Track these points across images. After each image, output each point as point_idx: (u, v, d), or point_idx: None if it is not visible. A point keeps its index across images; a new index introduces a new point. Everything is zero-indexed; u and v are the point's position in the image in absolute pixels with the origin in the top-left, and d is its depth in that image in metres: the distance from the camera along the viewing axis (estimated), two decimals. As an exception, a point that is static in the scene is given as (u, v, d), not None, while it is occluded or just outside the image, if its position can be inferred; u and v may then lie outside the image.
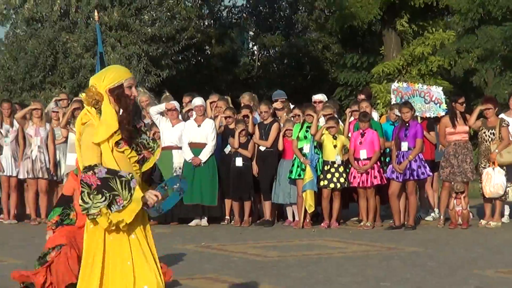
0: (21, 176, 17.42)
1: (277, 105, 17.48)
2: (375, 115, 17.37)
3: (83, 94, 6.25)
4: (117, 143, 6.17)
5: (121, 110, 6.20)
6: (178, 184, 6.32)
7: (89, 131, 6.07)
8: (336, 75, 28.72)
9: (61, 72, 27.24)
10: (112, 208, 5.98)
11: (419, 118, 16.47)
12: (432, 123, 16.91)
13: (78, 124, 6.22)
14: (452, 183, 15.86)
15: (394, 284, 10.44)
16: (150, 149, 6.45)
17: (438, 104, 17.31)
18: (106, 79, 6.23)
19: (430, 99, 17.35)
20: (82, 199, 6.00)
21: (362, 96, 18.11)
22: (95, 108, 6.13)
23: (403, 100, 16.81)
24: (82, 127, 6.16)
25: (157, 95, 19.92)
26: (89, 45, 26.88)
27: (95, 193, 5.98)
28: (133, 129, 6.29)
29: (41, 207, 17.52)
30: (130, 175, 6.02)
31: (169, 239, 14.25)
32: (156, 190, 6.23)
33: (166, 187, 6.35)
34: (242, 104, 17.78)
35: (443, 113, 16.82)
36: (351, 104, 17.34)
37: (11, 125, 17.56)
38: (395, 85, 18.40)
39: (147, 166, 6.49)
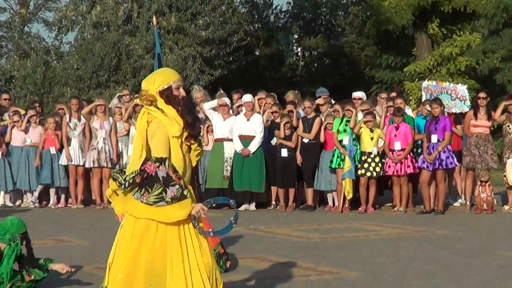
0: (87, 165, 17.51)
1: (320, 101, 17.52)
2: (408, 110, 17.33)
3: (137, 100, 6.30)
4: (186, 138, 6.16)
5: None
6: (234, 216, 6.23)
7: (162, 126, 6.03)
8: (372, 74, 28.65)
9: (124, 72, 27.33)
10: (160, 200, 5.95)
11: (446, 113, 16.44)
12: (459, 117, 16.87)
13: (139, 121, 6.19)
14: (479, 170, 15.93)
15: (425, 264, 10.45)
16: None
17: (463, 101, 17.28)
18: (156, 82, 6.23)
19: (456, 96, 17.32)
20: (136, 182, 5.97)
21: (393, 94, 18.18)
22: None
23: (433, 97, 16.81)
24: (152, 123, 6.08)
25: (211, 92, 20.01)
26: (149, 47, 26.93)
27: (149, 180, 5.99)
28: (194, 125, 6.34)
29: (105, 193, 17.60)
30: (187, 191, 5.96)
31: (221, 222, 14.29)
32: (205, 203, 6.16)
33: (213, 203, 6.35)
34: (287, 101, 17.83)
35: (467, 109, 16.81)
36: (386, 101, 17.31)
37: (79, 119, 17.66)
38: (425, 83, 18.40)
39: (196, 159, 6.39)
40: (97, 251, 11.51)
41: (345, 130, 16.08)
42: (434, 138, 15.75)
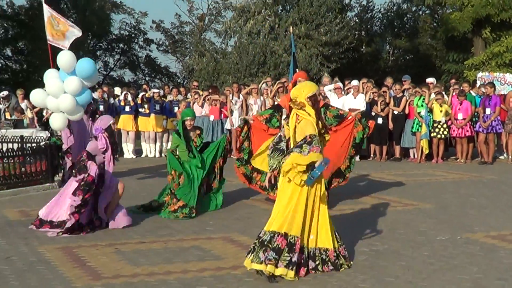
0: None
1: (406, 84, 17.36)
2: (472, 91, 16.95)
3: (292, 105, 6.15)
4: (322, 132, 6.23)
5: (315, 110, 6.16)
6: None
7: (310, 123, 6.01)
8: (441, 66, 28.19)
9: (268, 66, 27.52)
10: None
11: (497, 94, 16.13)
12: (505, 97, 16.48)
13: (291, 119, 6.13)
14: None
15: (478, 199, 10.37)
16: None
17: (510, 85, 16.92)
18: (304, 91, 6.15)
19: (504, 82, 16.92)
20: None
21: (453, 81, 17.93)
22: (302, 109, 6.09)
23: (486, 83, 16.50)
24: (302, 122, 6.04)
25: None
26: (286, 48, 27.09)
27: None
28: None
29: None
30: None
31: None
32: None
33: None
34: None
35: None
36: (452, 84, 17.09)
37: (238, 97, 17.81)
38: (480, 74, 18.10)
39: (326, 143, 6.39)
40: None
41: (422, 105, 15.94)
42: (487, 111, 15.54)
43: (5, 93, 17.93)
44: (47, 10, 13.52)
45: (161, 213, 9.10)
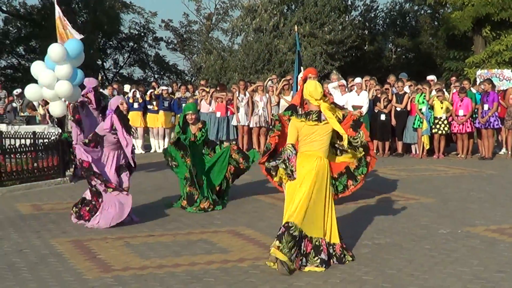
0: (251, 125, 17.55)
1: (406, 82, 17.33)
2: (472, 89, 16.87)
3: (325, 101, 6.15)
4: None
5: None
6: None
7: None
8: (442, 63, 28.16)
9: (274, 63, 27.51)
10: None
11: (496, 90, 16.07)
12: (505, 93, 16.43)
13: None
14: None
15: (478, 194, 10.33)
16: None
17: (509, 81, 16.88)
18: (313, 93, 6.09)
19: (503, 78, 16.88)
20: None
21: (454, 78, 17.88)
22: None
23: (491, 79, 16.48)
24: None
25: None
26: (291, 46, 27.11)
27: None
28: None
29: (261, 143, 17.79)
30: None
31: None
32: None
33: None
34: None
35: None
36: (453, 81, 17.06)
37: (244, 94, 17.71)
38: (479, 72, 18.09)
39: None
40: (257, 181, 11.56)
41: (423, 102, 15.90)
42: (485, 107, 15.48)
43: (19, 90, 17.98)
44: (58, 11, 13.61)
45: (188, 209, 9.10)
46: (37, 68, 11.59)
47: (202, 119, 9.85)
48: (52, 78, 11.36)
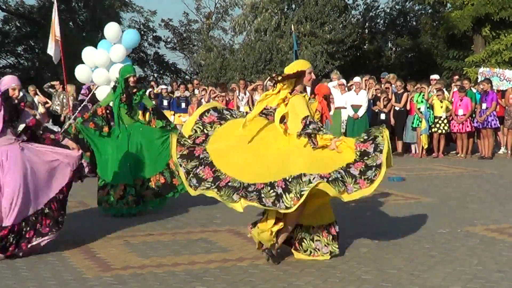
0: None
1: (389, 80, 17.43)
2: (473, 88, 16.90)
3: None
4: None
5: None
6: None
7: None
8: (442, 63, 28.19)
9: (275, 63, 27.47)
10: None
11: (495, 90, 16.13)
12: (505, 92, 16.45)
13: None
14: None
15: (478, 193, 10.35)
16: None
17: (509, 81, 16.89)
18: (295, 67, 6.08)
19: (504, 78, 16.89)
20: None
21: (456, 77, 17.91)
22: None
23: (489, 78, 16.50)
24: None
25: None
26: (292, 46, 27.12)
27: None
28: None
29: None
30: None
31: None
32: None
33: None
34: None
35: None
36: (455, 81, 17.12)
37: (245, 93, 17.87)
38: (481, 69, 18.06)
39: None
40: None
41: (422, 101, 15.93)
42: (484, 106, 15.53)
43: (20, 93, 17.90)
44: (55, 13, 13.78)
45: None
46: (90, 50, 12.06)
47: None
48: (107, 59, 11.76)
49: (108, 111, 8.62)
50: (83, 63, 12.66)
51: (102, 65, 12.05)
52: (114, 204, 8.44)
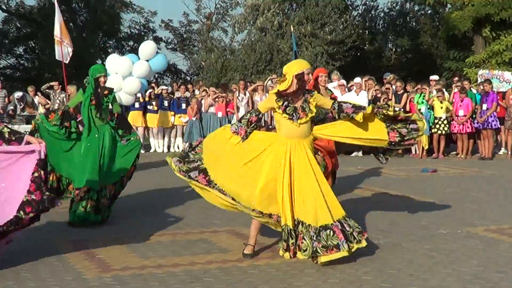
0: None
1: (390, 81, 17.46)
2: (473, 89, 16.90)
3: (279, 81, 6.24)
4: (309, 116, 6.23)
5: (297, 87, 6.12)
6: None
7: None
8: (442, 63, 28.24)
9: (275, 63, 27.54)
10: None
11: (495, 91, 16.15)
12: (505, 94, 16.46)
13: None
14: None
15: (478, 194, 10.35)
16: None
17: (508, 83, 16.91)
18: (294, 68, 6.19)
19: (503, 79, 16.90)
20: None
21: (456, 78, 17.90)
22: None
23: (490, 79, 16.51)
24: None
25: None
26: (293, 46, 27.22)
27: None
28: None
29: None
30: None
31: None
32: None
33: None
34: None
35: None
36: (455, 81, 17.13)
37: (244, 94, 17.89)
38: (481, 71, 18.13)
39: None
40: None
41: (422, 102, 15.93)
42: (484, 106, 15.55)
43: (20, 94, 17.85)
44: (58, 12, 13.81)
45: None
46: (115, 57, 12.81)
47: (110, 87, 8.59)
48: (128, 68, 12.47)
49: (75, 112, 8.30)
50: (83, 63, 12.75)
51: (122, 72, 12.51)
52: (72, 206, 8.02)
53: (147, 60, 13.46)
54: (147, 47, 13.38)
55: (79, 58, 14.09)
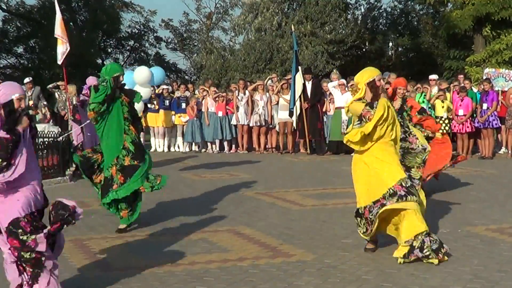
0: (251, 124, 17.60)
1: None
2: (474, 88, 16.87)
3: (351, 90, 6.47)
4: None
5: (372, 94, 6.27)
6: None
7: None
8: (442, 63, 28.22)
9: (275, 62, 27.47)
10: None
11: (500, 91, 16.12)
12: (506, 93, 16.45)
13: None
14: None
15: (479, 193, 10.35)
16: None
17: None
18: (364, 76, 6.30)
19: (509, 78, 16.83)
20: None
21: (461, 76, 17.88)
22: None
23: (491, 79, 16.48)
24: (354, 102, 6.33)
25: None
26: (292, 45, 27.19)
27: None
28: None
29: (262, 143, 17.88)
30: None
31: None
32: None
33: None
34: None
35: None
36: (461, 80, 17.14)
37: (244, 93, 17.77)
38: (487, 70, 18.03)
39: None
40: (257, 180, 11.78)
41: (423, 101, 15.91)
42: (484, 106, 15.56)
43: (28, 79, 17.52)
44: (58, 12, 13.77)
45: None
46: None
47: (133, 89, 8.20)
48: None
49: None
50: (83, 63, 12.69)
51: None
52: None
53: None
54: (140, 74, 12.19)
55: (79, 57, 13.94)
